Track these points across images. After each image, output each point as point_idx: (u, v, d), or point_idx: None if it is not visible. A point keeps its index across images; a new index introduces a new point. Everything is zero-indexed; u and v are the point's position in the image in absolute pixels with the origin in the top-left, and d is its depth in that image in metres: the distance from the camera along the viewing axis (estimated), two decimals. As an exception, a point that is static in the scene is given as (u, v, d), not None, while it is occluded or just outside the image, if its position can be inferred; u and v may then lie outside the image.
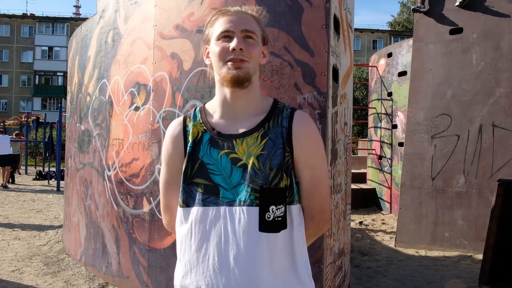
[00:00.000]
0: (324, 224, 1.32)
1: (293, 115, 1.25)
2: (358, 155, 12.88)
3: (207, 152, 1.24)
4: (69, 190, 4.97)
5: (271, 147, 1.20)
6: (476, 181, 5.20)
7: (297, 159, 1.23)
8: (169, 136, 1.34)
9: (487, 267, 3.63)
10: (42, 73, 42.43)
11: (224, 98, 1.26)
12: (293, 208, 1.21)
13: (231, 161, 1.21)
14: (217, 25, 1.25)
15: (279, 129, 1.23)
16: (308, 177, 1.25)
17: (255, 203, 1.16)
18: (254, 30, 1.24)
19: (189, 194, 1.23)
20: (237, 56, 1.20)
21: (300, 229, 1.24)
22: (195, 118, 1.31)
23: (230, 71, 1.20)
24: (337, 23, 2.85)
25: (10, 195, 10.18)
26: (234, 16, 1.23)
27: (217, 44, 1.23)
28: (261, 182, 1.17)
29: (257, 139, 1.21)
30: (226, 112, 1.27)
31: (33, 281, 3.96)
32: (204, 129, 1.27)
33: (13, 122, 23.96)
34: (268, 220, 1.16)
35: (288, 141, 1.22)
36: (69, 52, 5.33)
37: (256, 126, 1.23)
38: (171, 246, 3.17)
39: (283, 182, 1.19)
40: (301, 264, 1.23)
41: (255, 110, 1.26)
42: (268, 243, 1.16)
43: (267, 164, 1.18)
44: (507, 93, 5.09)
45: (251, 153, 1.20)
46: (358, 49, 42.77)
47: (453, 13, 5.50)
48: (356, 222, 7.07)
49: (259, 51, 1.26)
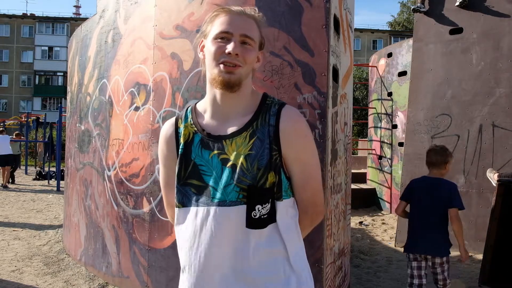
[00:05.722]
0: (318, 216, 1.35)
1: (280, 112, 1.24)
2: (358, 155, 12.88)
3: (198, 153, 1.25)
4: (69, 190, 4.97)
5: (259, 147, 1.21)
6: (476, 181, 5.20)
7: (286, 156, 1.23)
8: (162, 137, 1.35)
9: (487, 267, 3.63)
10: (42, 73, 42.43)
11: (214, 98, 1.27)
12: (281, 203, 1.23)
13: (222, 162, 1.22)
14: (216, 23, 1.23)
15: (266, 128, 1.23)
16: (298, 172, 1.26)
17: (243, 201, 1.18)
18: (253, 36, 1.23)
19: (184, 194, 1.26)
20: (231, 60, 1.19)
21: (291, 222, 1.26)
22: (186, 119, 1.32)
23: (221, 74, 1.20)
24: (337, 23, 2.85)
25: (10, 195, 10.18)
26: (235, 17, 1.22)
27: (214, 43, 1.22)
28: (249, 182, 1.18)
29: (245, 139, 1.22)
30: (216, 112, 1.27)
31: (33, 281, 3.96)
32: (194, 131, 1.28)
33: (13, 122, 23.95)
34: (255, 218, 1.19)
35: (275, 139, 1.22)
36: (69, 52, 5.32)
37: (245, 125, 1.23)
38: (171, 246, 3.18)
39: (270, 181, 1.20)
40: (295, 255, 1.25)
41: (244, 109, 1.26)
42: (255, 238, 1.19)
43: (255, 164, 1.19)
44: (507, 93, 5.09)
45: (239, 153, 1.21)
46: (358, 49, 42.77)
47: (453, 13, 5.50)
48: (356, 222, 7.07)
49: (254, 57, 1.25)
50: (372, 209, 8.43)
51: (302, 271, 1.26)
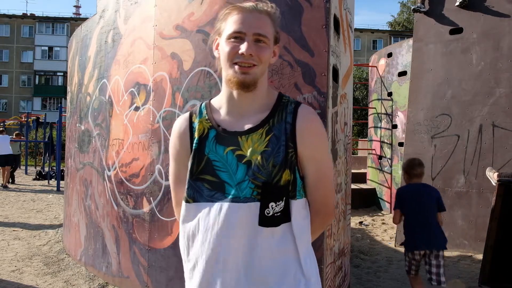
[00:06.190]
0: (329, 218, 1.35)
1: (297, 110, 1.25)
2: (358, 155, 12.88)
3: (212, 148, 1.24)
4: (69, 190, 4.97)
5: (275, 144, 1.21)
6: (476, 181, 5.20)
7: (301, 154, 1.23)
8: (175, 132, 1.34)
9: (487, 267, 3.63)
10: (42, 73, 42.43)
11: (230, 96, 1.26)
12: (295, 202, 1.22)
13: (237, 158, 1.21)
14: (229, 22, 1.22)
15: (283, 125, 1.23)
16: (312, 171, 1.26)
17: (257, 198, 1.18)
18: (267, 33, 1.22)
19: (196, 189, 1.24)
20: (246, 61, 1.19)
21: (303, 223, 1.25)
22: (201, 114, 1.31)
23: (236, 75, 1.19)
24: (337, 23, 2.85)
25: (10, 195, 10.18)
26: (248, 15, 1.21)
27: (227, 44, 1.21)
28: (263, 179, 1.18)
29: (262, 136, 1.22)
30: (232, 108, 1.27)
31: (33, 281, 3.96)
32: (210, 126, 1.27)
33: (13, 122, 23.95)
34: (268, 216, 1.18)
35: (291, 137, 1.22)
36: (69, 52, 5.33)
37: (261, 122, 1.23)
38: (171, 246, 3.18)
39: (285, 179, 1.19)
40: (306, 257, 1.24)
41: (260, 106, 1.26)
42: (268, 237, 1.18)
43: (271, 161, 1.19)
44: (507, 93, 5.09)
45: (255, 150, 1.20)
46: (358, 49, 42.76)
47: (453, 13, 5.50)
48: (356, 222, 7.07)
49: (269, 55, 1.25)
50: (372, 209, 8.43)
51: (312, 276, 1.24)
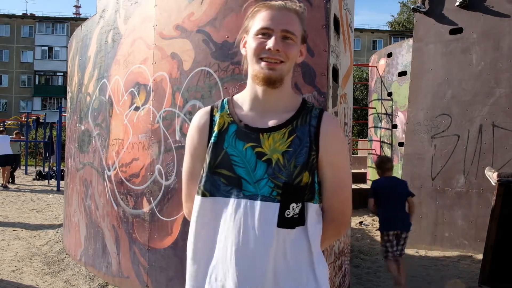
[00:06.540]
0: (344, 227, 1.33)
1: (322, 115, 1.26)
2: (358, 155, 12.89)
3: (232, 143, 1.23)
4: (69, 190, 4.97)
5: (298, 145, 1.21)
6: (476, 181, 5.20)
7: (322, 158, 1.23)
8: (195, 125, 1.33)
9: (487, 267, 3.63)
10: (42, 73, 42.42)
11: (255, 93, 1.26)
12: (311, 206, 1.21)
13: (256, 155, 1.20)
14: (257, 19, 1.23)
15: (307, 127, 1.23)
16: (331, 176, 1.25)
17: (276, 199, 1.17)
18: (295, 31, 1.22)
19: (213, 183, 1.23)
20: (273, 56, 1.19)
21: (317, 228, 1.24)
22: (222, 108, 1.30)
23: (263, 70, 1.19)
24: (337, 23, 2.85)
25: (10, 195, 10.18)
26: (276, 13, 1.21)
27: (255, 39, 1.21)
28: (284, 179, 1.17)
29: (284, 135, 1.21)
30: (255, 106, 1.27)
31: (33, 281, 3.96)
32: (231, 120, 1.27)
33: (13, 122, 23.94)
34: (287, 217, 1.17)
35: (315, 140, 1.22)
36: (69, 52, 5.33)
37: (285, 122, 1.23)
38: (171, 246, 3.18)
39: (304, 181, 1.19)
40: (318, 263, 1.23)
41: (284, 107, 1.26)
42: (284, 239, 1.17)
43: (292, 162, 1.19)
44: (507, 93, 5.09)
45: (277, 149, 1.20)
46: (358, 49, 42.75)
47: (453, 13, 5.50)
48: (356, 222, 7.07)
49: (297, 52, 1.25)
50: (372, 209, 8.42)
51: (323, 285, 1.23)
